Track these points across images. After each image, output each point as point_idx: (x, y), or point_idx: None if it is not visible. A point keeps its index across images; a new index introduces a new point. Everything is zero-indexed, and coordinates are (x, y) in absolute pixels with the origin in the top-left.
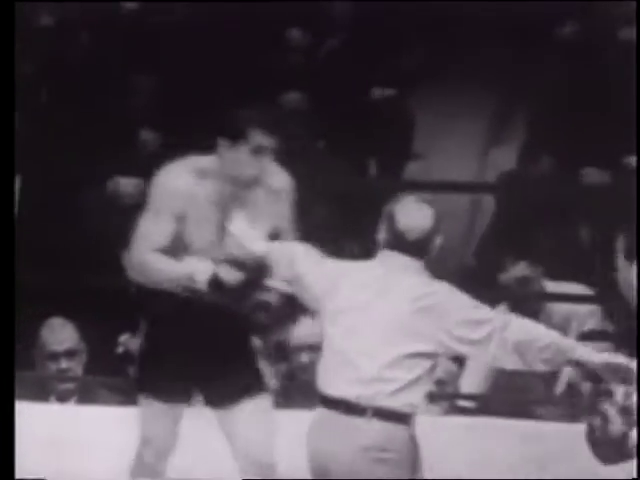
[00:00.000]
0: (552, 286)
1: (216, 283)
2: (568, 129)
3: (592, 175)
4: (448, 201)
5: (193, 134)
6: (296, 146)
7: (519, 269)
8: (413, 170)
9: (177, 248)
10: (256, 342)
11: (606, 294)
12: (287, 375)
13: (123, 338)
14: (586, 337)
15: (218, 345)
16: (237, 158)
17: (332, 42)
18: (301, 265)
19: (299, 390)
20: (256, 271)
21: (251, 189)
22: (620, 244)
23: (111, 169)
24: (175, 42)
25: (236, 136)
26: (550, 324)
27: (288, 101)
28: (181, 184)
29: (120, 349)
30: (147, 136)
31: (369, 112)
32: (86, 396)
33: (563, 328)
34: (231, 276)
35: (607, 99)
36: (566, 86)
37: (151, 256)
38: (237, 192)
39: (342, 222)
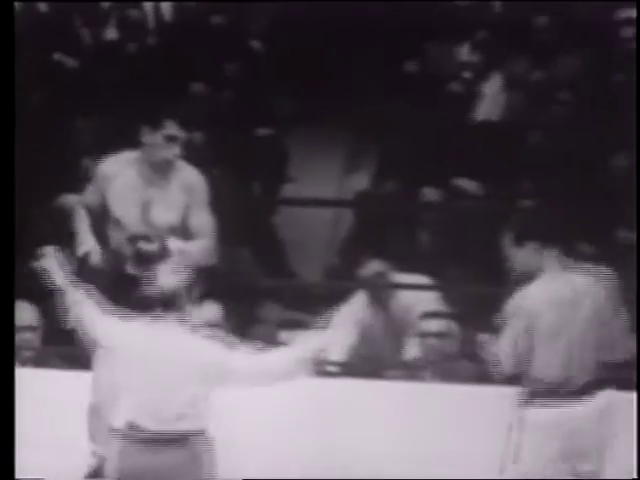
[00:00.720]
0: (400, 277)
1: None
2: (410, 158)
3: (429, 194)
4: (316, 214)
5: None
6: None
7: (373, 265)
8: (288, 190)
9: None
10: None
11: (443, 283)
12: None
13: None
14: (427, 316)
15: None
16: (154, 143)
17: (226, 93)
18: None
19: None
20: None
21: (166, 175)
22: (508, 239)
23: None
24: None
25: (155, 125)
26: (399, 307)
27: (194, 137)
28: (108, 171)
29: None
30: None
31: (254, 146)
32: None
33: (409, 310)
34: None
35: (442, 131)
36: (407, 123)
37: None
38: (155, 178)
39: (232, 230)
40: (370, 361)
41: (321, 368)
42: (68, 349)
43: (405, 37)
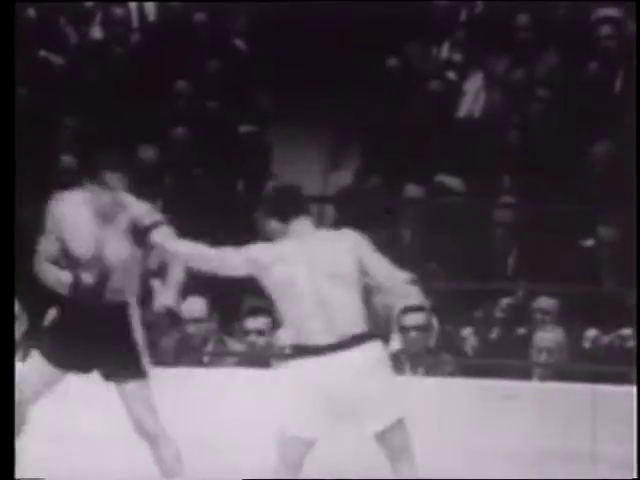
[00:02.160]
0: None
1: (76, 286)
2: (392, 155)
3: (412, 190)
4: None
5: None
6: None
7: None
8: (271, 187)
9: (67, 259)
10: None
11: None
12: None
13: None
14: (407, 311)
15: (106, 334)
16: (98, 194)
17: (209, 91)
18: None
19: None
20: (104, 275)
21: (117, 215)
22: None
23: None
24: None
25: (95, 178)
26: (380, 301)
27: (175, 135)
28: (61, 210)
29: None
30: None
31: (238, 143)
32: None
33: (391, 305)
34: (89, 280)
35: (424, 128)
36: (390, 120)
37: (43, 265)
38: (107, 217)
39: (219, 225)
40: None
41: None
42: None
43: (386, 35)
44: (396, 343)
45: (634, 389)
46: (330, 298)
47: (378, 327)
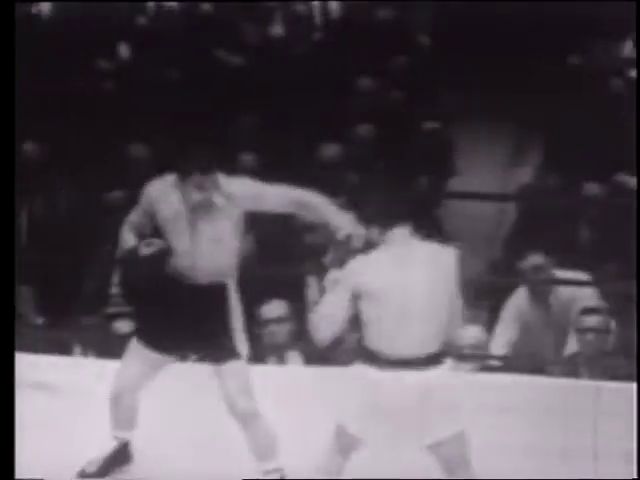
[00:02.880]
0: (560, 273)
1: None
2: (573, 152)
3: (591, 189)
4: (480, 208)
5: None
6: (362, 164)
7: (533, 259)
8: (454, 184)
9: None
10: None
11: (601, 279)
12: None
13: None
14: (585, 312)
15: (201, 315)
16: (187, 189)
17: (393, 88)
18: None
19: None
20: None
21: (206, 204)
22: None
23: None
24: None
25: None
26: (558, 303)
27: (361, 131)
28: (154, 193)
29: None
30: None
31: (421, 139)
32: None
33: (568, 306)
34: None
35: (606, 126)
36: (571, 117)
37: (125, 233)
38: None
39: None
40: (531, 356)
41: (483, 362)
42: None
43: (569, 31)
44: (572, 345)
45: (634, 386)
46: (418, 311)
47: (550, 326)
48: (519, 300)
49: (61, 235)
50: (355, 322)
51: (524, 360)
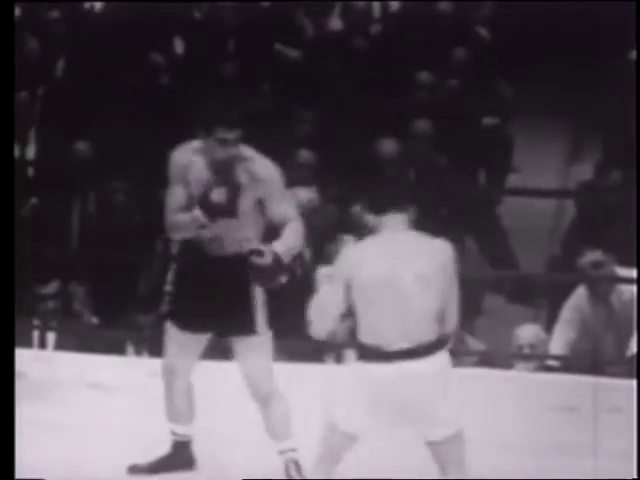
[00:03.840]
0: (622, 271)
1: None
2: (633, 148)
3: None
4: (539, 204)
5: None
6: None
7: (593, 256)
8: (512, 180)
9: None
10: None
11: None
12: None
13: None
14: None
15: (224, 290)
16: (210, 145)
17: (453, 83)
18: None
19: None
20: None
21: (231, 167)
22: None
23: None
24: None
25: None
26: (620, 302)
27: (418, 128)
28: (181, 158)
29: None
30: None
31: (480, 136)
32: None
33: (630, 305)
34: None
35: None
36: (632, 112)
37: (172, 216)
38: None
39: (458, 220)
40: (590, 356)
41: (542, 362)
42: None
43: (630, 28)
44: (634, 346)
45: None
46: (411, 301)
47: (611, 325)
48: (579, 299)
49: (115, 233)
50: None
51: (584, 360)
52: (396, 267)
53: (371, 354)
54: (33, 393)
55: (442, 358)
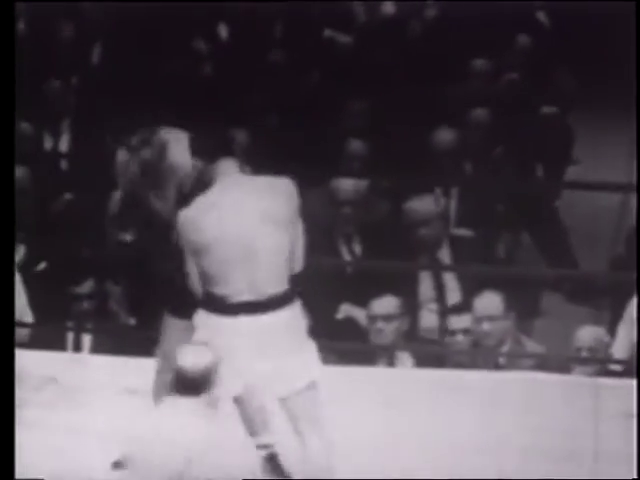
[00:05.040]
0: None
1: None
2: None
3: None
4: (601, 199)
5: None
6: (477, 151)
7: None
8: (572, 173)
9: None
10: None
11: None
12: None
13: None
14: None
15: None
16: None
17: (510, 69)
18: None
19: None
20: None
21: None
22: None
23: None
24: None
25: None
26: None
27: (475, 116)
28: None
29: None
30: None
31: (539, 125)
32: None
33: None
34: None
35: None
36: None
37: None
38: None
39: (514, 215)
40: None
41: (604, 367)
42: None
43: None
44: None
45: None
46: (257, 247)
47: None
48: None
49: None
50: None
51: None
52: (237, 213)
53: (215, 305)
54: (68, 398)
55: (292, 310)
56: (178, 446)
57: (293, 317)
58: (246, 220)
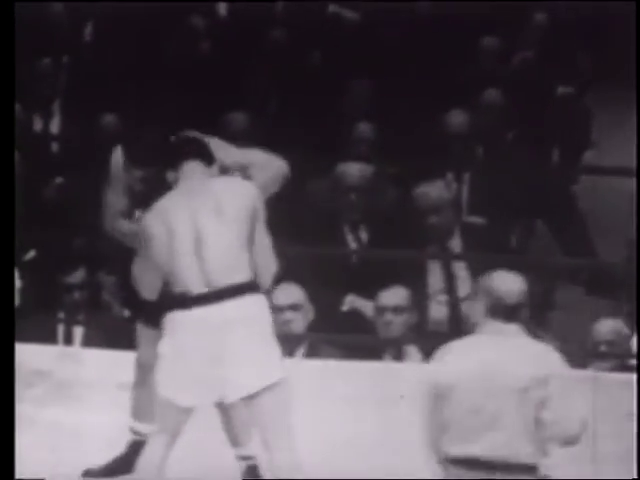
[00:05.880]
0: None
1: None
2: None
3: None
4: (620, 184)
5: None
6: (489, 134)
7: None
8: (589, 157)
9: None
10: None
11: None
12: None
13: None
14: None
15: None
16: None
17: (525, 51)
18: None
19: None
20: None
21: None
22: None
23: None
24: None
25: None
26: None
27: (486, 97)
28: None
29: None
30: None
31: (554, 107)
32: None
33: None
34: None
35: None
36: None
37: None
38: None
39: (528, 202)
40: None
41: (623, 362)
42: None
43: None
44: None
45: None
46: (210, 239)
47: None
48: None
49: None
50: None
51: None
52: (185, 209)
53: (175, 302)
54: (60, 394)
55: (254, 302)
56: None
57: (252, 309)
58: (193, 215)
